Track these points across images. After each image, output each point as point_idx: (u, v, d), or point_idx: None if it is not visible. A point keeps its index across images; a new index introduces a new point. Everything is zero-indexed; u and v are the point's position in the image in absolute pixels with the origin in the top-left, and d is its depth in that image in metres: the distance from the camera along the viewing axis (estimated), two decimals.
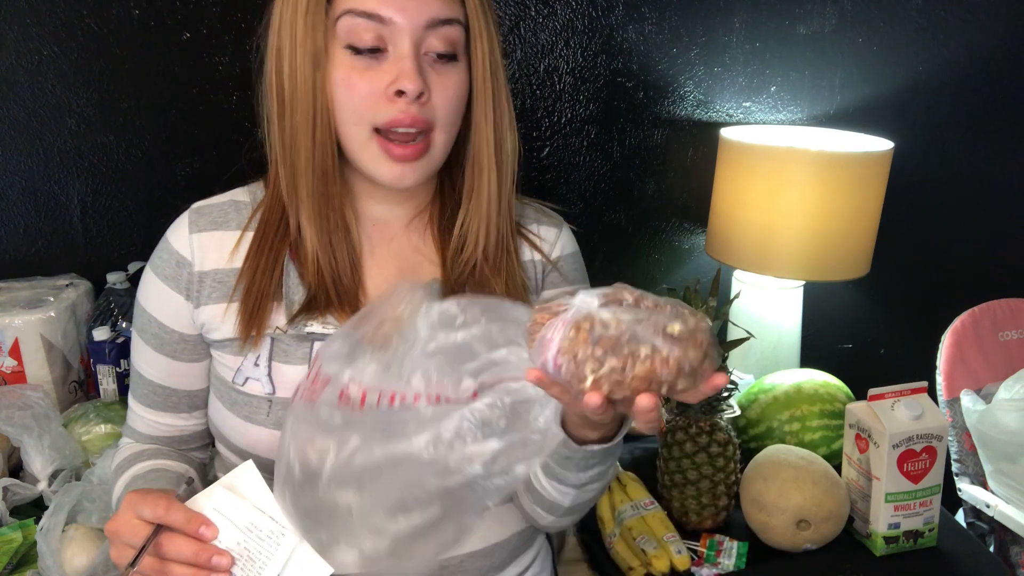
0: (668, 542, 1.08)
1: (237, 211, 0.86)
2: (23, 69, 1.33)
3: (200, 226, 0.85)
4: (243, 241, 0.84)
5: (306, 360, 0.82)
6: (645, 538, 1.09)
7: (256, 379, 0.83)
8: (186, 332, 0.86)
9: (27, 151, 1.37)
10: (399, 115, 0.76)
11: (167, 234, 0.87)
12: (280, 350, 0.83)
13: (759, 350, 1.52)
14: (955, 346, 1.57)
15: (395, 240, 0.88)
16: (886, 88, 1.65)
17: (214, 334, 0.85)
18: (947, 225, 1.78)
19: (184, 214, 0.87)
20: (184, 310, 0.85)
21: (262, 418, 0.82)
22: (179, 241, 0.85)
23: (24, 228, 1.40)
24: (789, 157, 1.35)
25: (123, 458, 0.90)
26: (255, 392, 0.83)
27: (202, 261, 0.84)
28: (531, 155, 1.56)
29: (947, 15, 1.63)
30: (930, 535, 1.13)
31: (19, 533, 1.04)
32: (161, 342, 0.86)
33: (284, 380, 0.82)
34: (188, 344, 0.87)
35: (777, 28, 1.58)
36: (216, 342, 0.85)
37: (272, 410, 0.82)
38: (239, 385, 0.83)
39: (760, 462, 1.14)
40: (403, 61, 0.75)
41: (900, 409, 1.08)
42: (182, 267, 0.84)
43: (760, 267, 1.43)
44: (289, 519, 0.71)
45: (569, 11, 1.49)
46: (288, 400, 0.81)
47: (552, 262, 0.93)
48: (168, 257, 0.85)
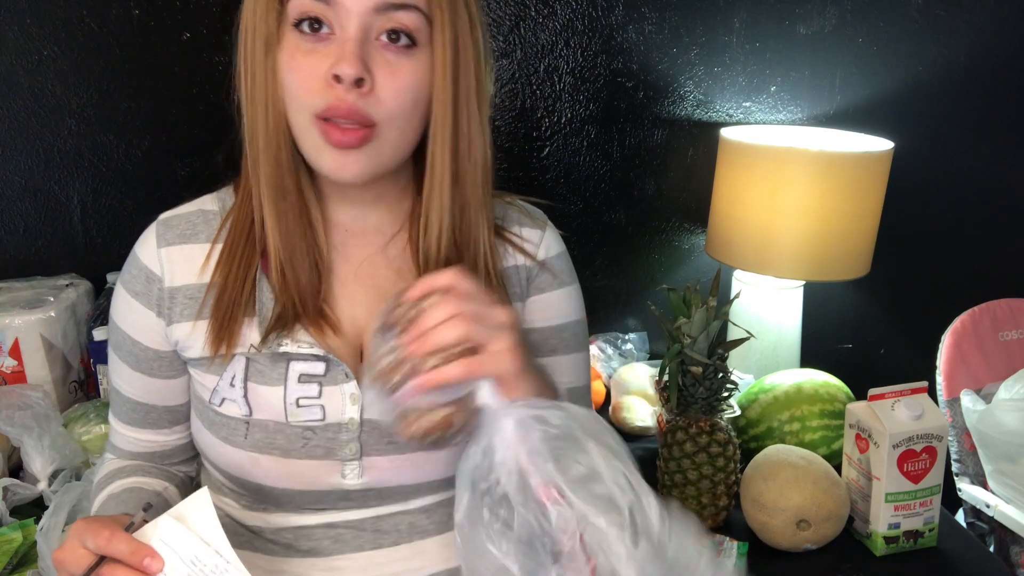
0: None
1: (206, 221, 0.82)
2: (23, 69, 1.33)
3: (168, 239, 0.81)
4: (213, 254, 0.80)
5: (281, 381, 0.78)
6: None
7: (232, 400, 0.79)
8: (161, 349, 0.82)
9: (27, 151, 1.37)
10: (336, 101, 0.69)
11: (135, 248, 0.83)
12: (256, 370, 0.78)
13: (759, 350, 1.52)
14: (955, 346, 1.57)
15: (374, 254, 0.83)
16: (886, 88, 1.66)
17: (188, 352, 0.81)
18: (947, 225, 1.78)
19: (151, 227, 0.83)
20: (157, 327, 0.81)
21: (240, 440, 0.78)
22: (147, 256, 0.81)
23: (24, 228, 1.40)
24: (789, 157, 1.35)
25: (103, 475, 0.87)
26: (232, 413, 0.79)
27: (172, 276, 0.80)
28: (531, 155, 1.56)
29: (947, 15, 1.63)
30: (930, 535, 1.13)
31: (19, 533, 1.04)
32: (136, 359, 0.83)
33: (261, 402, 0.78)
34: (164, 361, 0.83)
35: (777, 28, 1.58)
36: (191, 360, 0.82)
37: (250, 432, 0.78)
38: (216, 406, 0.80)
39: (760, 462, 1.14)
40: (345, 44, 0.69)
41: (900, 409, 1.08)
42: (152, 283, 0.80)
43: (760, 267, 1.43)
44: None
45: (569, 11, 1.49)
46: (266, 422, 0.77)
47: (540, 263, 0.88)
48: (137, 273, 0.81)
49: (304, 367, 0.78)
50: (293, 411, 0.78)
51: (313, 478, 0.78)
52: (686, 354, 1.09)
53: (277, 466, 0.78)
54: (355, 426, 0.78)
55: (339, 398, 0.78)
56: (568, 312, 0.90)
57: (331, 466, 0.78)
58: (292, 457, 0.78)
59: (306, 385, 0.78)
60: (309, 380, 0.78)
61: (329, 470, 0.78)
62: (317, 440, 0.78)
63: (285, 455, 0.78)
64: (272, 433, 0.78)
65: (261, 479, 0.79)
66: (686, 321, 1.08)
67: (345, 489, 0.79)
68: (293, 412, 0.78)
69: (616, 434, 0.65)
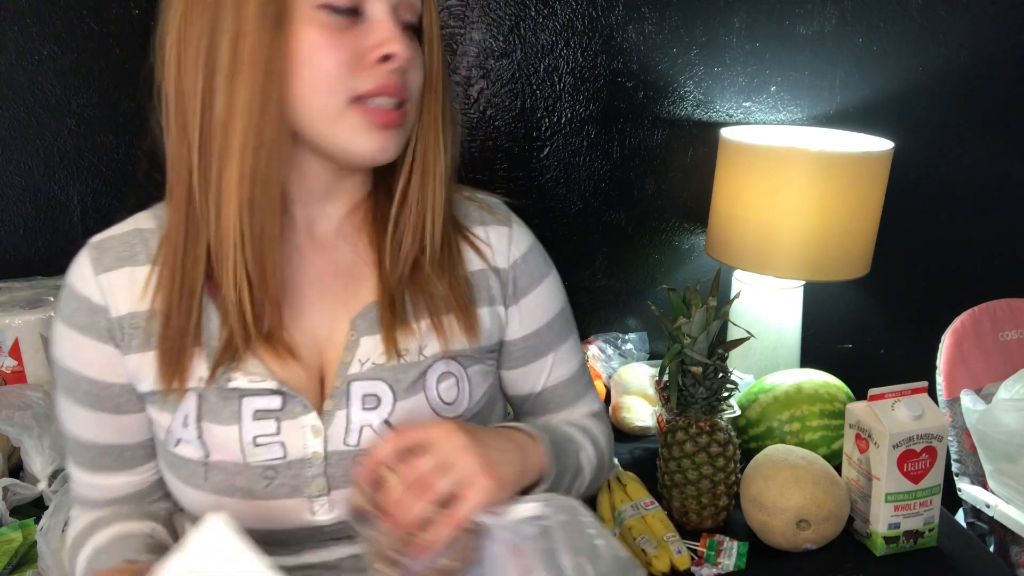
0: (668, 542, 1.08)
1: (143, 241, 0.74)
2: (23, 69, 1.33)
3: (105, 264, 0.73)
4: (154, 276, 0.73)
5: (235, 419, 0.72)
6: (645, 538, 1.09)
7: (187, 441, 0.73)
8: (124, 382, 0.75)
9: (27, 151, 1.37)
10: (386, 80, 0.67)
11: (69, 279, 0.74)
12: (208, 408, 0.72)
13: (759, 350, 1.52)
14: (955, 346, 1.57)
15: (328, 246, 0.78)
16: (886, 88, 1.66)
17: (140, 386, 0.74)
18: (947, 225, 1.78)
19: (83, 252, 0.74)
20: (115, 359, 0.74)
21: (199, 482, 0.73)
22: (85, 285, 0.73)
23: (24, 228, 1.40)
24: (789, 157, 1.35)
25: (78, 532, 0.79)
26: (188, 455, 0.73)
27: (115, 305, 0.73)
28: (531, 155, 1.56)
29: (947, 15, 1.63)
30: (930, 535, 1.13)
31: (19, 533, 1.04)
32: (98, 399, 0.75)
33: (216, 442, 0.72)
34: (131, 394, 0.75)
35: (777, 28, 1.58)
36: (143, 395, 0.75)
37: (209, 475, 0.72)
38: (172, 447, 0.74)
39: (760, 462, 1.14)
40: (384, 24, 0.67)
41: (900, 409, 1.08)
42: (97, 314, 0.73)
43: (760, 267, 1.43)
44: None
45: (569, 11, 1.49)
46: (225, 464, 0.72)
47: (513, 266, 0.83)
48: (78, 306, 0.73)
49: (259, 402, 0.72)
50: (251, 451, 0.72)
51: (282, 517, 0.73)
52: (686, 354, 1.09)
53: (241, 507, 0.72)
54: (319, 460, 0.73)
55: (298, 433, 0.73)
56: (553, 305, 0.88)
57: (299, 504, 0.73)
58: (256, 498, 0.72)
59: (262, 422, 0.72)
60: (265, 416, 0.72)
61: (297, 508, 0.73)
62: (280, 479, 0.72)
63: (248, 496, 0.72)
64: (232, 475, 0.72)
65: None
66: (686, 321, 1.08)
67: (317, 526, 0.74)
68: (251, 452, 0.72)
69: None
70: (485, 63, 1.49)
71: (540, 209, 1.59)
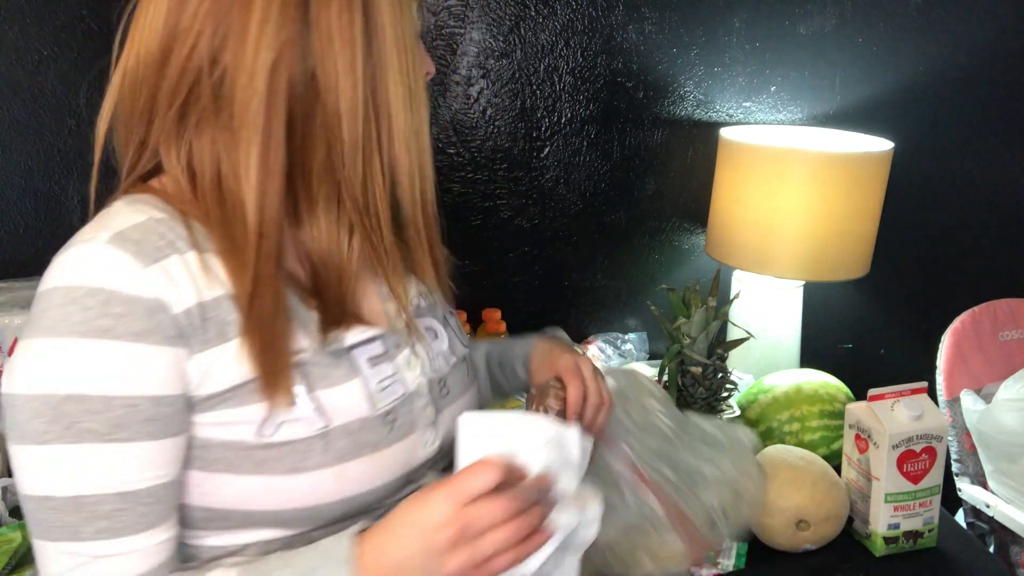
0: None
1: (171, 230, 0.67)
2: (23, 69, 1.33)
3: (150, 255, 0.64)
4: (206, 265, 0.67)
5: (353, 374, 0.72)
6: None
7: (296, 420, 0.68)
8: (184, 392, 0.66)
9: (27, 151, 1.37)
10: None
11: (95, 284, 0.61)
12: (317, 375, 0.69)
13: (759, 350, 1.52)
14: (955, 346, 1.57)
15: None
16: (886, 88, 1.66)
17: (210, 385, 0.66)
18: (947, 225, 1.78)
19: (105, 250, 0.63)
20: (182, 362, 0.65)
21: (317, 459, 0.68)
22: (132, 284, 0.62)
23: (24, 228, 1.40)
24: (789, 157, 1.35)
25: None
26: (298, 436, 0.68)
27: (177, 298, 0.64)
28: (531, 155, 1.56)
29: (947, 15, 1.63)
30: (930, 535, 1.13)
31: (19, 533, 1.04)
32: (164, 423, 0.64)
33: (337, 405, 0.70)
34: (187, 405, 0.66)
35: (777, 28, 1.58)
36: (215, 396, 0.66)
37: (330, 445, 0.69)
38: (268, 436, 0.67)
39: (760, 462, 1.14)
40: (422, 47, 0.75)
41: (900, 409, 1.08)
42: (157, 313, 0.63)
43: (760, 267, 1.43)
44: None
45: (569, 11, 1.49)
46: (348, 425, 0.70)
47: None
48: (126, 309, 0.61)
49: (366, 351, 0.74)
50: (378, 397, 0.73)
51: (401, 461, 0.75)
52: (686, 354, 1.09)
53: (368, 465, 0.72)
54: (425, 388, 0.78)
55: (405, 368, 0.77)
56: None
57: (415, 440, 0.76)
58: (382, 448, 0.73)
59: (378, 367, 0.74)
60: (378, 361, 0.74)
61: (414, 445, 0.76)
62: (400, 419, 0.75)
63: (375, 449, 0.72)
64: (357, 433, 0.71)
65: (347, 492, 0.71)
66: (686, 321, 1.08)
67: (422, 461, 0.78)
68: (378, 399, 0.73)
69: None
70: (485, 63, 1.49)
71: (540, 209, 1.59)
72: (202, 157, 0.68)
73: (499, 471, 0.62)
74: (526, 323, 1.48)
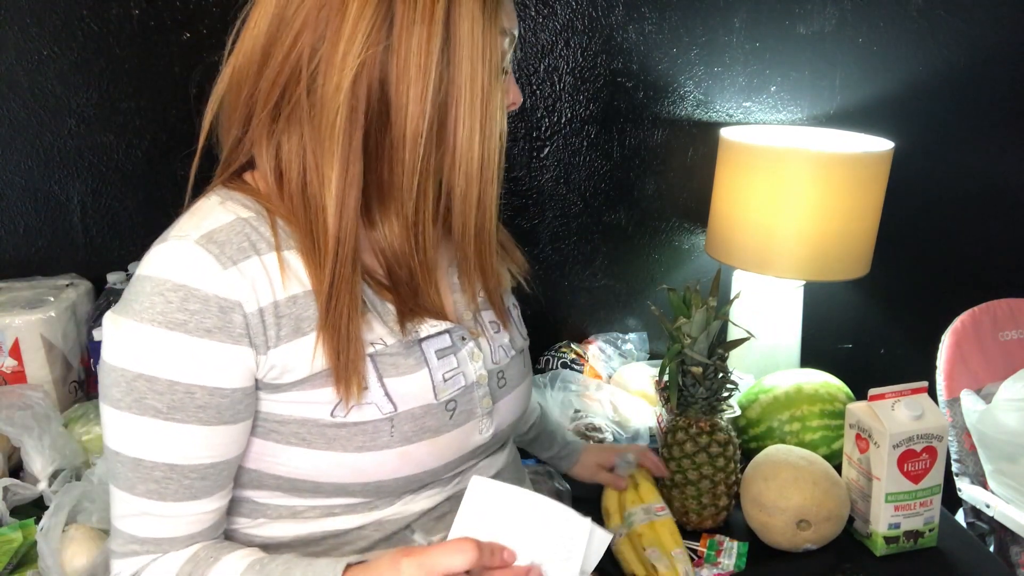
0: (677, 559, 1.05)
1: (255, 230, 0.73)
2: (23, 69, 1.33)
3: (231, 256, 0.70)
4: (287, 264, 0.73)
5: (421, 364, 0.78)
6: (656, 552, 1.06)
7: (367, 403, 0.75)
8: (248, 385, 0.73)
9: (27, 151, 1.37)
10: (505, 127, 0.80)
11: (179, 279, 0.69)
12: (388, 364, 0.76)
13: (759, 350, 1.52)
14: (955, 346, 1.57)
15: None
16: (886, 88, 1.66)
17: (290, 375, 0.73)
18: (947, 225, 1.78)
19: (192, 250, 0.69)
20: (247, 360, 0.71)
21: (385, 440, 0.75)
22: (211, 283, 0.69)
23: (24, 228, 1.40)
24: (789, 157, 1.35)
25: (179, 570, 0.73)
26: (368, 418, 0.75)
27: (254, 298, 0.71)
28: (531, 155, 1.56)
29: (947, 15, 1.63)
30: (930, 535, 1.13)
31: (19, 533, 1.04)
32: (217, 411, 0.71)
33: (405, 392, 0.77)
34: (250, 398, 0.73)
35: (777, 28, 1.58)
36: (295, 382, 0.73)
37: (396, 428, 0.76)
38: (341, 417, 0.74)
39: (760, 462, 1.14)
40: (512, 77, 0.81)
41: (900, 409, 1.08)
42: (230, 312, 0.69)
43: (760, 267, 1.43)
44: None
45: (569, 11, 1.49)
46: (412, 411, 0.77)
47: None
48: (201, 307, 0.68)
49: (435, 344, 0.80)
50: (441, 387, 0.79)
51: (459, 445, 0.82)
52: (686, 354, 1.09)
53: (429, 448, 0.79)
54: (485, 380, 0.84)
55: (468, 360, 0.83)
56: None
57: (472, 426, 0.83)
58: (443, 433, 0.80)
59: (444, 359, 0.81)
60: (445, 354, 0.81)
61: (471, 431, 0.83)
62: (460, 407, 0.81)
63: (436, 434, 0.79)
64: (420, 418, 0.78)
65: (408, 471, 0.78)
66: (686, 321, 1.08)
67: (479, 446, 0.84)
68: (441, 389, 0.79)
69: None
70: None
71: (540, 209, 1.59)
72: (290, 158, 0.73)
73: (475, 554, 0.65)
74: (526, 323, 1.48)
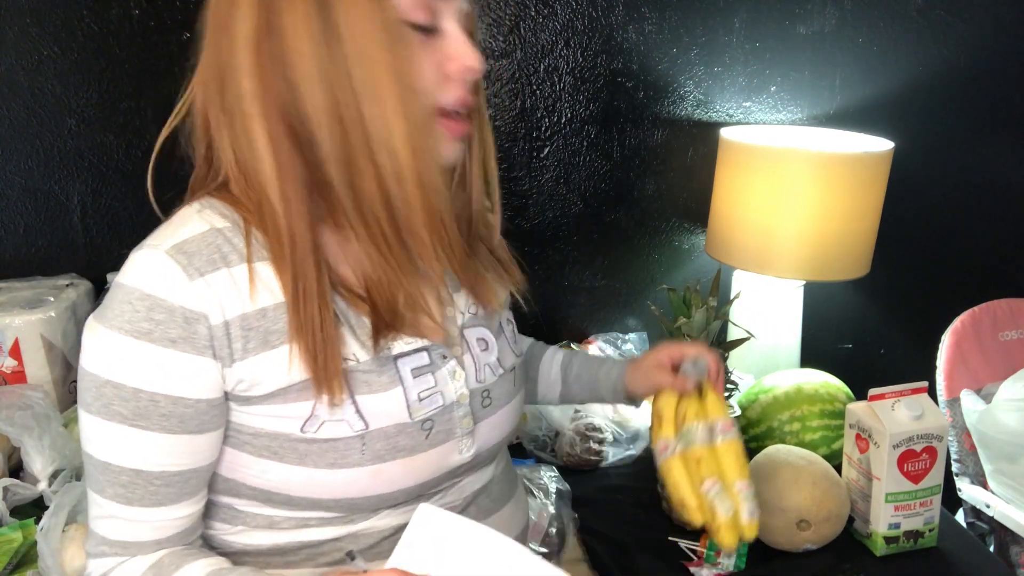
0: (741, 497, 0.90)
1: (227, 241, 0.71)
2: (23, 69, 1.33)
3: (199, 269, 0.69)
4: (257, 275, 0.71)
5: (395, 383, 0.75)
6: (717, 487, 0.90)
7: (338, 420, 0.72)
8: (213, 397, 0.71)
9: (27, 151, 1.37)
10: (465, 94, 0.72)
11: (147, 289, 0.68)
12: (360, 381, 0.73)
13: (759, 350, 1.52)
14: (955, 346, 1.57)
15: None
16: (886, 88, 1.66)
17: (258, 388, 0.71)
18: (947, 225, 1.78)
19: (161, 260, 0.69)
20: (212, 372, 0.70)
21: (356, 458, 0.73)
22: (176, 294, 0.68)
23: (24, 228, 1.40)
24: (789, 157, 1.35)
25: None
26: (339, 435, 0.72)
27: (221, 310, 0.69)
28: (531, 155, 1.56)
29: (947, 15, 1.63)
30: (930, 535, 1.13)
31: (19, 533, 1.04)
32: (180, 420, 0.70)
33: (376, 411, 0.74)
34: (216, 409, 0.72)
35: (777, 28, 1.58)
36: (264, 396, 0.71)
37: (367, 446, 0.74)
38: (311, 433, 0.72)
39: (760, 462, 1.14)
40: (459, 39, 0.71)
41: (900, 409, 1.08)
42: (195, 323, 0.68)
43: (760, 267, 1.43)
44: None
45: (569, 11, 1.49)
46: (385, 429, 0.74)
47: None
48: (166, 317, 0.67)
49: (411, 362, 0.77)
50: (416, 407, 0.76)
51: (436, 465, 0.79)
52: None
53: (403, 467, 0.76)
54: (465, 399, 0.81)
55: (448, 379, 0.80)
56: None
57: (451, 446, 0.80)
58: (417, 452, 0.77)
59: (421, 379, 0.77)
60: (421, 373, 0.78)
61: (449, 451, 0.80)
62: (437, 427, 0.78)
63: (410, 454, 0.76)
64: (393, 437, 0.75)
65: (381, 489, 0.75)
66: (686, 321, 1.08)
67: (458, 465, 0.81)
68: (416, 408, 0.76)
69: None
70: (485, 63, 1.49)
71: (540, 209, 1.59)
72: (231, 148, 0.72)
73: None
74: (525, 323, 1.48)
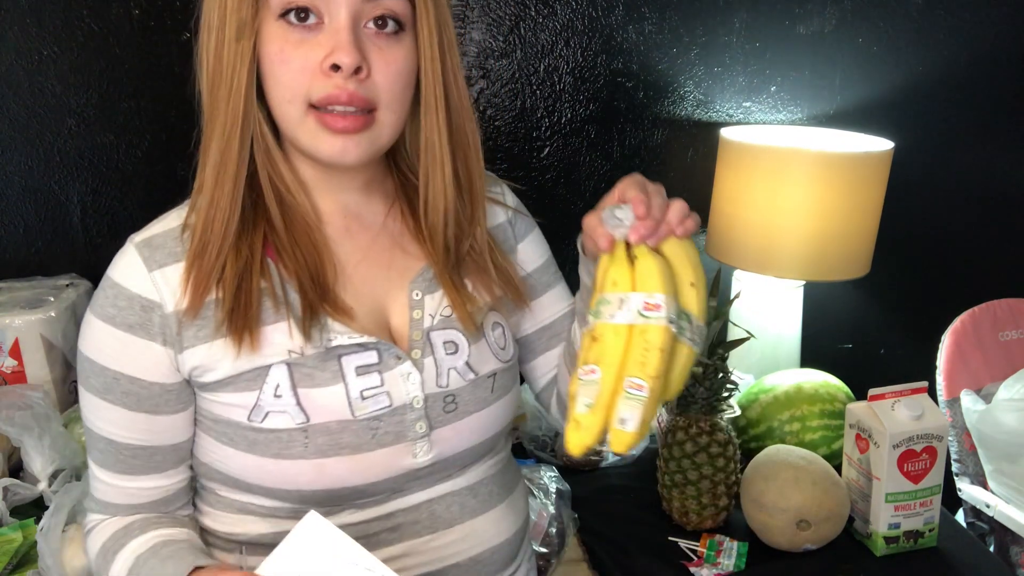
0: (621, 397, 0.63)
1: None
2: (23, 69, 1.33)
3: (158, 261, 0.75)
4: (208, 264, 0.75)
5: (338, 379, 0.76)
6: (594, 376, 0.64)
7: (281, 411, 0.75)
8: (168, 382, 0.76)
9: (27, 151, 1.37)
10: (334, 91, 0.70)
11: (115, 278, 0.75)
12: (303, 374, 0.75)
13: (759, 350, 1.52)
14: (955, 346, 1.57)
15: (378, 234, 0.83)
16: (886, 88, 1.66)
17: (208, 376, 0.75)
18: (947, 225, 1.78)
19: (129, 252, 0.75)
20: (164, 358, 0.75)
21: (298, 451, 0.75)
22: (136, 283, 0.74)
23: (24, 228, 1.40)
24: (789, 157, 1.35)
25: (107, 537, 0.79)
26: (282, 426, 0.75)
27: (174, 300, 0.74)
28: (531, 155, 1.56)
29: (947, 15, 1.63)
30: (930, 535, 1.13)
31: (19, 533, 1.04)
32: (137, 399, 0.76)
33: (317, 405, 0.75)
34: (171, 394, 0.77)
35: (777, 28, 1.58)
36: (213, 384, 0.76)
37: (310, 439, 0.75)
38: (257, 422, 0.75)
39: (760, 462, 1.14)
40: (339, 33, 0.69)
41: (900, 409, 1.08)
42: (150, 311, 0.74)
43: (760, 267, 1.43)
44: None
45: (569, 11, 1.49)
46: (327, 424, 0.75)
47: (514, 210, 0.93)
48: (127, 304, 0.74)
49: (357, 359, 0.77)
50: (359, 405, 0.76)
51: (386, 465, 0.78)
52: None
53: (348, 465, 0.76)
54: (420, 403, 0.79)
55: (400, 381, 0.78)
56: (546, 247, 0.98)
57: (402, 449, 0.78)
58: (363, 451, 0.77)
59: (365, 377, 0.77)
60: (367, 371, 0.77)
61: (401, 453, 0.78)
62: (385, 427, 0.77)
63: (355, 451, 0.76)
64: (336, 433, 0.76)
65: (328, 484, 0.76)
66: None
67: (415, 468, 0.80)
68: (359, 406, 0.76)
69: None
70: (485, 63, 1.49)
71: (540, 209, 1.59)
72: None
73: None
74: None
